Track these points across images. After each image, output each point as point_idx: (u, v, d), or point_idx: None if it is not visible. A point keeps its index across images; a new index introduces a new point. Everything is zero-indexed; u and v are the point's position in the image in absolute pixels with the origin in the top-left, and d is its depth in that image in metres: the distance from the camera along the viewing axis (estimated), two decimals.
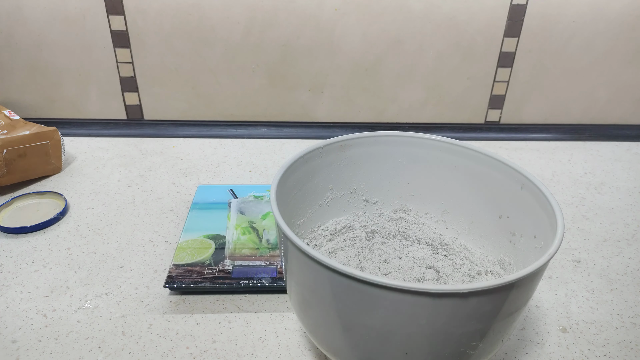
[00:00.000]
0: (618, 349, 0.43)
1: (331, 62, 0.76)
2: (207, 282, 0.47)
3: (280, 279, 0.47)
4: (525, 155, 0.75)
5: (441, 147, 0.45)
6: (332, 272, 0.30)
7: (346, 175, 0.46)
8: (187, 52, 0.74)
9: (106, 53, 0.74)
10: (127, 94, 0.77)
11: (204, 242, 0.52)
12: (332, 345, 0.35)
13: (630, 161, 0.74)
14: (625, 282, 0.51)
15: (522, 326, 0.45)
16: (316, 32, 0.73)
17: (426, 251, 0.45)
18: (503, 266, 0.43)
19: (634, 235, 0.58)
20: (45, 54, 0.74)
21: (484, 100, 0.80)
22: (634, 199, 0.65)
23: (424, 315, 0.30)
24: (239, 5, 0.71)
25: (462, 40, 0.75)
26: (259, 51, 0.74)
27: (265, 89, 0.78)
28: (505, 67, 0.77)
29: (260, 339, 0.43)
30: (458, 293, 0.29)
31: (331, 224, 0.47)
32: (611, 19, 0.74)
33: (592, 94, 0.80)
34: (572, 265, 0.53)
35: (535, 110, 0.81)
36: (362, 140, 0.46)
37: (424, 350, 0.32)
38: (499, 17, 0.73)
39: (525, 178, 0.40)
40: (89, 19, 0.71)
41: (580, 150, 0.77)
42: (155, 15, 0.71)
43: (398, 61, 0.76)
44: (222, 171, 0.69)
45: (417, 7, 0.72)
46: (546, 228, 0.37)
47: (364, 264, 0.43)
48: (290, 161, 0.41)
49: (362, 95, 0.79)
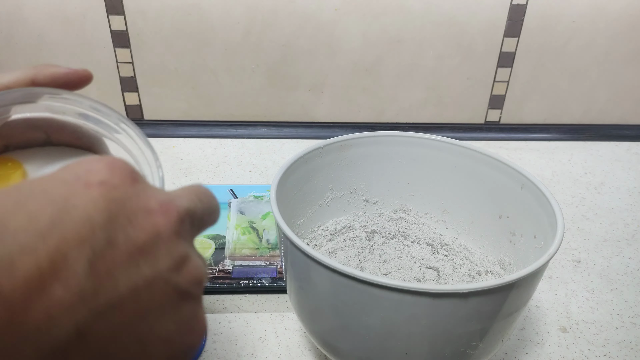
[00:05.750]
0: (618, 349, 0.43)
1: (331, 62, 0.76)
2: (207, 282, 0.47)
3: (280, 279, 0.47)
4: (525, 155, 0.75)
5: (441, 147, 0.45)
6: (332, 272, 0.30)
7: (346, 175, 0.46)
8: (187, 52, 0.74)
9: (106, 53, 0.74)
10: (127, 94, 0.77)
11: (204, 242, 0.52)
12: (332, 345, 0.35)
13: (630, 161, 0.74)
14: (625, 282, 0.51)
15: (522, 326, 0.45)
16: (316, 32, 0.73)
17: (426, 251, 0.45)
18: (503, 266, 0.43)
19: (634, 235, 0.58)
20: (45, 54, 0.74)
21: (484, 100, 0.80)
22: (634, 199, 0.65)
23: (424, 315, 0.30)
24: (239, 5, 0.71)
25: (462, 40, 0.75)
26: (259, 51, 0.74)
27: (265, 89, 0.78)
28: (505, 67, 0.77)
29: (260, 339, 0.43)
30: (458, 293, 0.29)
31: (331, 224, 0.47)
32: (611, 19, 0.74)
33: (592, 94, 0.80)
34: (572, 265, 0.53)
35: (535, 110, 0.81)
36: (362, 140, 0.45)
37: (424, 350, 0.32)
38: (499, 17, 0.73)
39: (525, 178, 0.40)
40: (89, 19, 0.71)
41: (580, 150, 0.77)
42: (155, 15, 0.71)
43: (398, 61, 0.76)
44: (222, 171, 0.69)
45: (417, 7, 0.72)
46: (546, 228, 0.37)
47: (364, 264, 0.43)
48: (290, 161, 0.41)
49: (362, 95, 0.79)
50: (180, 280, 0.16)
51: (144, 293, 0.15)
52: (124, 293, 0.14)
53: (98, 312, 0.14)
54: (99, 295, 0.14)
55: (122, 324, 0.15)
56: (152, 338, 0.15)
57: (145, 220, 0.16)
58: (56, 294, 0.13)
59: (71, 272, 0.13)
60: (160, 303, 0.16)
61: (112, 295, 0.14)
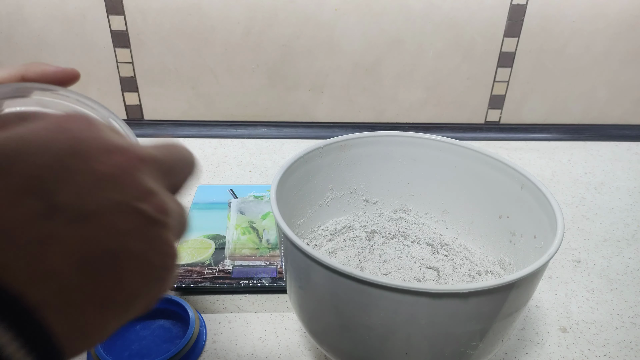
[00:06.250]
0: (618, 349, 0.43)
1: (331, 62, 0.76)
2: (207, 282, 0.47)
3: (280, 279, 0.47)
4: (525, 155, 0.75)
5: (441, 147, 0.45)
6: (332, 272, 0.30)
7: (346, 175, 0.46)
8: (187, 52, 0.74)
9: (106, 53, 0.74)
10: (127, 94, 0.77)
11: (204, 242, 0.52)
12: (332, 345, 0.35)
13: (630, 161, 0.74)
14: (625, 282, 0.51)
15: (522, 326, 0.45)
16: (316, 32, 0.73)
17: (426, 251, 0.45)
18: (503, 266, 0.43)
19: (634, 235, 0.58)
20: (45, 54, 0.74)
21: (484, 100, 0.80)
22: (634, 199, 0.65)
23: (424, 315, 0.30)
24: (239, 5, 0.71)
25: (462, 40, 0.75)
26: (259, 51, 0.74)
27: (265, 89, 0.78)
28: (505, 67, 0.77)
29: (260, 339, 0.43)
30: (458, 293, 0.29)
31: (331, 224, 0.47)
32: (611, 19, 0.74)
33: (592, 94, 0.80)
34: (572, 265, 0.53)
35: (535, 110, 0.81)
36: (362, 140, 0.45)
37: (424, 350, 0.32)
38: (499, 17, 0.73)
39: (525, 178, 0.40)
40: (89, 19, 0.71)
41: (580, 150, 0.77)
42: (155, 15, 0.71)
43: (398, 61, 0.76)
44: (222, 171, 0.69)
45: (417, 7, 0.72)
46: (546, 228, 0.37)
47: (364, 264, 0.43)
48: (290, 161, 0.41)
49: (362, 95, 0.79)
50: (145, 207, 0.18)
51: (110, 213, 0.17)
52: (91, 209, 0.17)
53: (68, 220, 0.16)
54: (67, 209, 0.16)
55: (93, 235, 0.16)
56: (125, 254, 0.17)
57: (107, 157, 0.18)
58: (27, 202, 0.15)
59: (44, 190, 0.16)
60: (128, 224, 0.17)
61: (80, 210, 0.16)
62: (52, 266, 0.15)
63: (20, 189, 0.15)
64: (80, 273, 0.16)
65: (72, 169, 0.17)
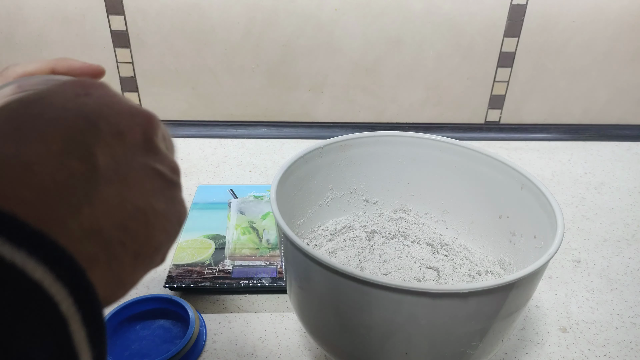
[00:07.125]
0: (618, 349, 0.43)
1: (331, 62, 0.76)
2: (207, 282, 0.47)
3: (280, 279, 0.47)
4: (525, 155, 0.75)
5: (441, 147, 0.45)
6: (332, 272, 0.30)
7: (346, 175, 0.46)
8: (187, 52, 0.74)
9: (106, 53, 0.74)
10: (127, 94, 0.77)
11: (204, 242, 0.52)
12: (332, 345, 0.35)
13: (630, 161, 0.74)
14: (625, 282, 0.51)
15: (522, 326, 0.45)
16: (316, 32, 0.73)
17: (426, 251, 0.45)
18: (503, 266, 0.43)
19: (634, 235, 0.58)
20: (45, 54, 0.74)
21: (484, 100, 0.80)
22: (634, 199, 0.65)
23: (424, 315, 0.30)
24: (239, 5, 0.71)
25: (462, 40, 0.75)
26: (259, 51, 0.74)
27: (265, 89, 0.78)
28: (505, 67, 0.77)
29: (260, 339, 0.43)
30: (458, 293, 0.29)
31: (331, 224, 0.47)
32: (611, 19, 0.74)
33: (592, 94, 0.80)
34: (572, 265, 0.53)
35: (535, 110, 0.81)
36: (362, 140, 0.45)
37: (424, 350, 0.32)
38: (499, 17, 0.73)
39: (525, 178, 0.40)
40: (89, 19, 0.71)
41: (580, 150, 0.77)
42: (155, 15, 0.71)
43: (398, 61, 0.76)
44: (222, 171, 0.69)
45: (417, 7, 0.72)
46: (546, 228, 0.37)
47: (364, 264, 0.43)
48: (290, 161, 0.41)
49: (362, 95, 0.79)
50: (163, 169, 0.20)
51: (137, 174, 0.19)
52: (124, 171, 0.18)
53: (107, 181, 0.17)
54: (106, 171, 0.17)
55: (128, 195, 0.18)
56: (152, 212, 0.19)
57: (131, 120, 0.19)
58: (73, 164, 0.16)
59: (84, 153, 0.17)
60: (152, 185, 0.19)
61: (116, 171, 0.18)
62: (99, 224, 0.17)
63: (63, 152, 0.16)
64: (121, 229, 0.18)
65: (104, 132, 0.18)
